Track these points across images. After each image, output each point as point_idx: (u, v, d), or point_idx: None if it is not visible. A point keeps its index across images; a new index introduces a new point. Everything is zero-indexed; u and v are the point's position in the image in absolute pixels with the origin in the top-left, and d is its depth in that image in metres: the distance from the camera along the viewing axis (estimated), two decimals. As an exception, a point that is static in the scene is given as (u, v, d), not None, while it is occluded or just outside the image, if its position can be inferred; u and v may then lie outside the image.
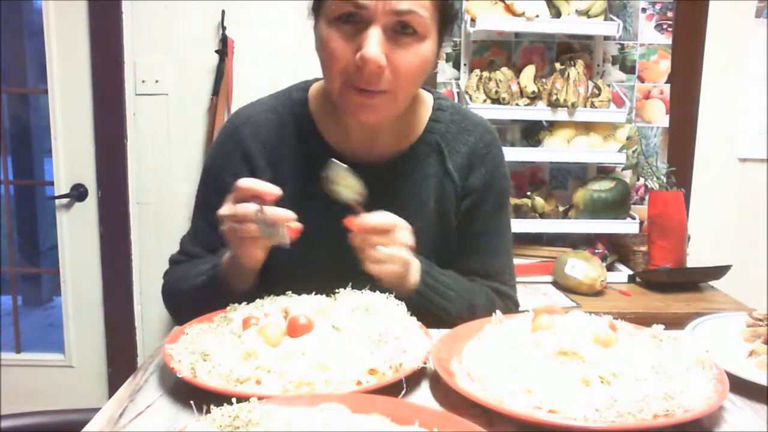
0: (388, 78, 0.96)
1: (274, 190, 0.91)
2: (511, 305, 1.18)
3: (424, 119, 1.15)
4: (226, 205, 0.94)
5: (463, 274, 1.14)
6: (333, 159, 0.96)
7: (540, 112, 2.16)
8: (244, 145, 1.12)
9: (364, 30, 0.94)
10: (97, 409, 0.75)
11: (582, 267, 2.01)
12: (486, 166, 1.16)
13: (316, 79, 1.16)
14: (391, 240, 0.96)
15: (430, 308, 1.04)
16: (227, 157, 1.13)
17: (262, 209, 0.90)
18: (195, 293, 1.07)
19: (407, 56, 0.96)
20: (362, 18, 0.94)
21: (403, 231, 0.98)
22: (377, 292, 0.95)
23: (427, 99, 1.17)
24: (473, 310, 1.08)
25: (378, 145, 1.11)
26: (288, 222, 0.92)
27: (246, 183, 0.93)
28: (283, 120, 1.13)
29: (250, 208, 0.90)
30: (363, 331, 0.82)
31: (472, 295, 1.11)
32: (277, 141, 1.13)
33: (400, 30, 0.96)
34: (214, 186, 1.12)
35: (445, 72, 2.34)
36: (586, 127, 2.20)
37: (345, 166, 0.95)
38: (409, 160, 1.13)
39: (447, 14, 1.04)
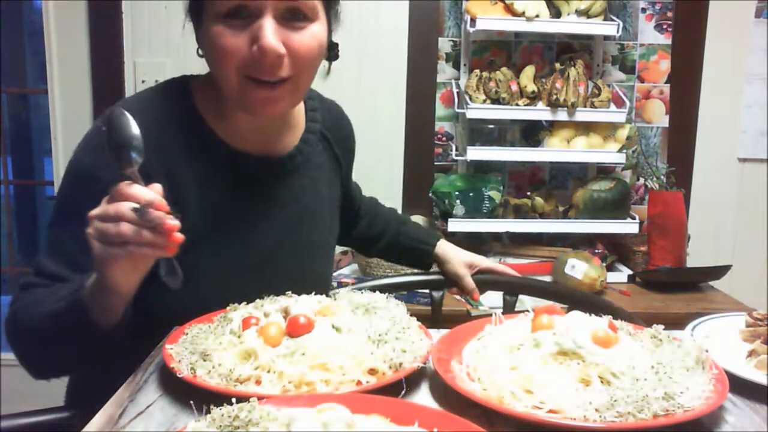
0: (288, 65, 0.95)
1: (163, 203, 0.76)
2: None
3: (302, 110, 1.18)
4: (100, 206, 0.78)
5: (362, 209, 1.41)
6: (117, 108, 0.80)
7: (540, 112, 2.15)
8: None
9: (255, 22, 0.93)
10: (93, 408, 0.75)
11: (582, 267, 2.01)
12: (352, 142, 1.31)
13: (192, 76, 1.10)
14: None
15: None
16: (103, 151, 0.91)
17: (143, 209, 0.74)
18: (48, 325, 0.87)
19: (304, 40, 0.96)
20: (252, 11, 0.93)
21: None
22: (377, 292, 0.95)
23: None
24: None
25: (270, 139, 1.11)
26: (173, 230, 0.76)
27: (131, 189, 0.76)
28: (168, 118, 1.03)
29: (127, 205, 0.75)
30: (363, 331, 0.82)
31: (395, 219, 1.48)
32: (163, 126, 1.01)
33: (291, 17, 0.95)
34: (85, 187, 0.91)
35: (444, 72, 2.34)
36: (586, 127, 2.20)
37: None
38: (304, 152, 1.15)
39: None
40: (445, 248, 1.43)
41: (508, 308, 1.41)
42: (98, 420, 0.72)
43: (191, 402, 0.70)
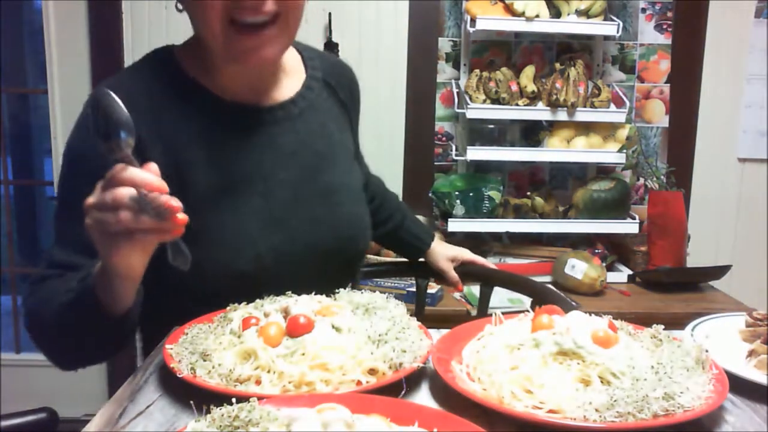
0: (271, 1, 0.91)
1: (162, 185, 0.72)
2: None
3: (299, 58, 1.14)
4: (94, 193, 0.74)
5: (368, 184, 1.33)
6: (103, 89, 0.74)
7: (540, 112, 2.16)
8: None
9: None
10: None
11: (582, 267, 2.01)
12: (356, 86, 1.24)
13: (175, 45, 1.07)
14: None
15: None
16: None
17: (142, 195, 0.70)
18: (61, 317, 0.85)
19: None
20: None
21: None
22: (376, 292, 0.95)
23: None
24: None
25: (268, 89, 1.07)
26: (176, 211, 0.71)
27: (126, 173, 0.71)
28: (155, 77, 1.00)
29: (124, 191, 0.70)
30: (363, 331, 0.82)
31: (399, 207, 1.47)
32: (158, 106, 0.98)
33: None
34: (87, 173, 0.81)
35: (444, 72, 2.34)
36: (586, 127, 2.20)
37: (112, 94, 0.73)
38: (307, 97, 1.11)
39: None
40: (432, 244, 1.48)
41: (484, 299, 1.52)
42: (98, 420, 0.72)
43: (191, 402, 0.70)
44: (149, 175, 0.71)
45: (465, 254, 1.49)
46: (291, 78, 1.11)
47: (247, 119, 1.04)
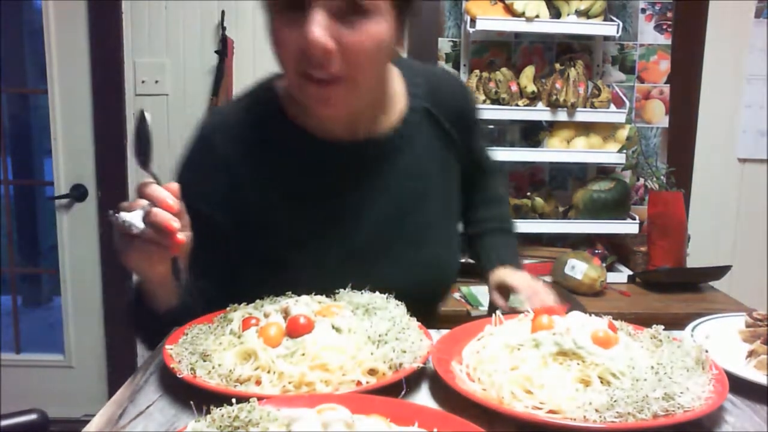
0: (340, 63, 0.90)
1: (172, 204, 0.80)
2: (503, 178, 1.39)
3: (401, 88, 1.11)
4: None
5: (479, 186, 1.26)
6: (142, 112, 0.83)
7: (540, 113, 2.16)
8: (218, 154, 1.03)
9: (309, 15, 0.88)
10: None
11: (582, 267, 2.01)
12: (467, 103, 1.19)
13: (277, 77, 1.09)
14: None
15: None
16: (200, 169, 1.05)
17: (146, 208, 0.79)
18: (131, 310, 0.99)
19: (358, 37, 0.90)
20: (306, 3, 0.88)
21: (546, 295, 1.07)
22: (377, 292, 0.95)
23: (396, 71, 1.12)
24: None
25: (362, 123, 1.06)
26: (174, 231, 0.79)
27: (148, 187, 0.81)
28: (257, 120, 1.06)
29: (139, 203, 0.80)
30: (363, 332, 0.82)
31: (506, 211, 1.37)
32: (255, 141, 1.04)
33: (349, 10, 0.89)
34: (185, 201, 0.91)
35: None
36: (586, 128, 2.20)
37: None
38: (404, 133, 1.09)
39: None
40: (495, 270, 1.30)
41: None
42: (98, 420, 0.72)
43: (191, 402, 0.70)
44: (165, 193, 0.80)
45: (511, 280, 1.25)
46: (392, 107, 1.09)
47: (340, 157, 1.05)
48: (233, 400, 0.62)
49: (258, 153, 1.04)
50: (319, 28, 0.87)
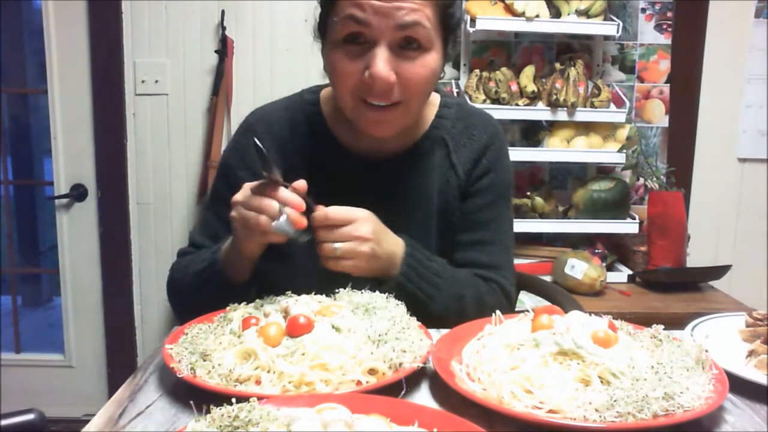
0: (398, 91, 1.00)
1: (300, 203, 0.93)
2: (504, 302, 1.12)
3: (430, 116, 1.18)
4: (242, 192, 0.95)
5: (463, 266, 1.13)
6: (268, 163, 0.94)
7: (540, 112, 2.16)
8: (259, 136, 1.09)
9: (370, 49, 0.98)
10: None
11: (582, 267, 2.01)
12: (488, 157, 1.18)
13: (327, 85, 1.18)
14: (347, 235, 0.97)
15: (414, 295, 1.01)
16: (241, 152, 1.16)
17: (282, 208, 0.92)
18: (195, 280, 1.08)
19: (415, 69, 1.00)
20: (367, 38, 0.98)
21: (364, 223, 0.98)
22: (377, 292, 0.95)
23: (434, 98, 1.20)
24: (461, 302, 1.06)
25: (388, 145, 1.14)
26: (303, 228, 0.94)
27: (277, 191, 0.93)
28: (296, 118, 1.17)
29: (274, 205, 0.92)
30: (363, 331, 0.82)
31: (461, 285, 1.08)
32: (290, 137, 1.16)
33: (405, 45, 0.99)
34: (227, 181, 1.14)
35: (444, 72, 2.33)
36: (586, 127, 2.20)
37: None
38: (414, 155, 1.16)
39: (449, 24, 1.05)
40: None
41: None
42: (98, 420, 0.72)
43: (191, 402, 0.70)
44: (293, 195, 0.93)
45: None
46: (415, 130, 1.16)
47: (358, 168, 1.14)
48: (233, 400, 0.62)
49: (290, 149, 1.15)
50: (385, 64, 0.97)
